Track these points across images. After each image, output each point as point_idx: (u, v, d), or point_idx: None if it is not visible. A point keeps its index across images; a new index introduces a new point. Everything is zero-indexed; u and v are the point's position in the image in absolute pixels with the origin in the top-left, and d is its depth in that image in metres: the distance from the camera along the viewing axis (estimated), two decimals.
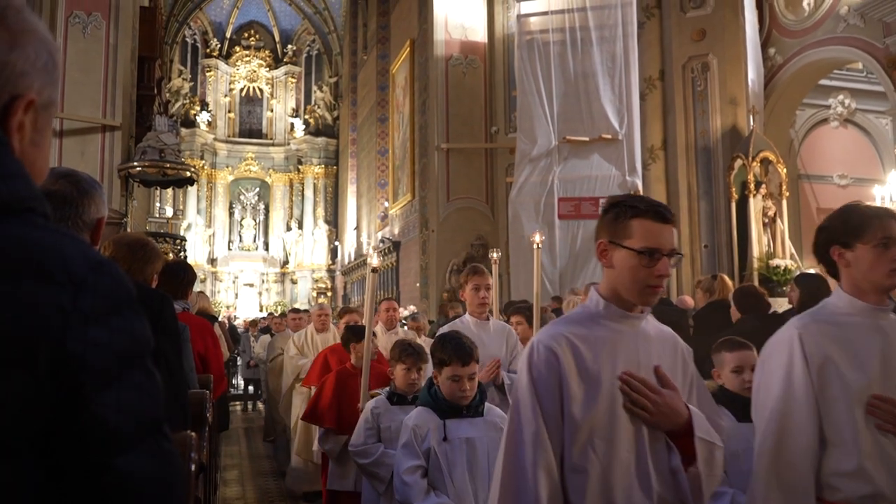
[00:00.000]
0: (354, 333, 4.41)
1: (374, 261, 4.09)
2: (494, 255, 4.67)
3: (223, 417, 7.38)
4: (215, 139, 27.89)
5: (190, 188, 18.87)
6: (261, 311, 24.49)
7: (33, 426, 0.80)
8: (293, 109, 29.31)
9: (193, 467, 2.01)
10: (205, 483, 3.23)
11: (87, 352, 0.82)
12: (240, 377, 13.66)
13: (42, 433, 0.81)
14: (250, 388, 13.31)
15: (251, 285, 27.46)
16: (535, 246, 4.27)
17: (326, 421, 4.11)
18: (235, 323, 17.57)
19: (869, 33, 9.56)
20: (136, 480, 0.84)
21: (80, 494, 0.83)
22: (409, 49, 17.11)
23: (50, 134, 0.99)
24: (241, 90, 29.16)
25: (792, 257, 10.07)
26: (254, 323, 14.32)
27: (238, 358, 12.47)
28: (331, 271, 27.59)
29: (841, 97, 12.48)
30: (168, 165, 11.16)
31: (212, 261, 27.12)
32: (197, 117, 27.22)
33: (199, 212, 26.92)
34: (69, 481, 0.83)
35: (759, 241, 9.97)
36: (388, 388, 3.45)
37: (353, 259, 24.35)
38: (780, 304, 7.13)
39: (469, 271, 4.08)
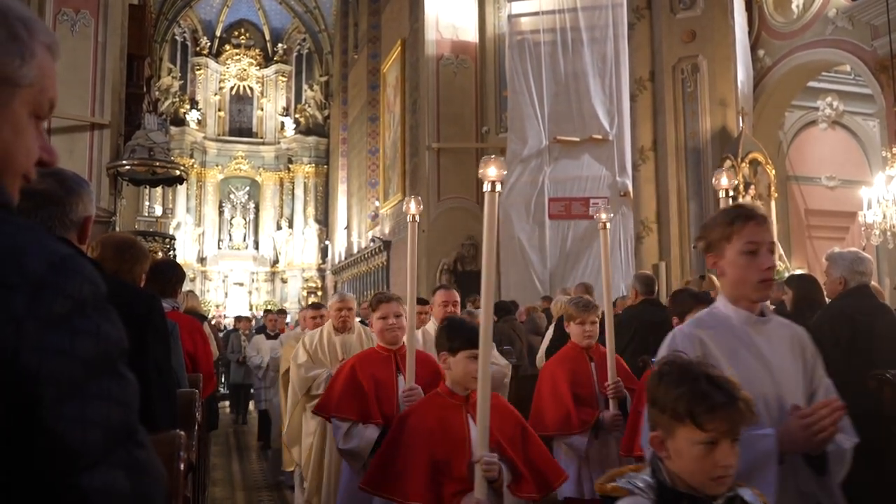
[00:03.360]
0: (461, 332, 2.58)
1: (413, 207, 3.01)
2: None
3: (212, 417, 7.37)
4: (205, 138, 27.77)
5: (179, 187, 18.75)
6: (250, 310, 24.41)
7: None
8: (283, 108, 29.23)
9: (183, 467, 2.00)
10: (194, 483, 3.22)
11: (45, 362, 0.74)
12: (225, 381, 12.09)
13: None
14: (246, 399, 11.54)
15: (241, 284, 27.35)
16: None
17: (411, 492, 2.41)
18: (225, 322, 17.36)
19: (857, 36, 9.63)
20: (104, 497, 0.77)
21: None
22: (399, 49, 17.09)
23: (15, 117, 0.87)
24: (232, 89, 29.04)
25: (780, 258, 10.14)
26: (241, 319, 12.97)
27: (230, 359, 11.24)
28: (321, 270, 27.54)
29: (829, 99, 12.57)
30: (157, 164, 11.12)
31: (201, 260, 27.00)
32: (187, 116, 27.10)
33: (188, 210, 26.79)
34: (33, 502, 0.75)
35: None
36: (645, 477, 1.56)
37: (343, 258, 24.31)
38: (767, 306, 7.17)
39: (736, 217, 1.97)
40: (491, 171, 2.28)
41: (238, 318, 13.30)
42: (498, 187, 2.29)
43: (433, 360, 3.26)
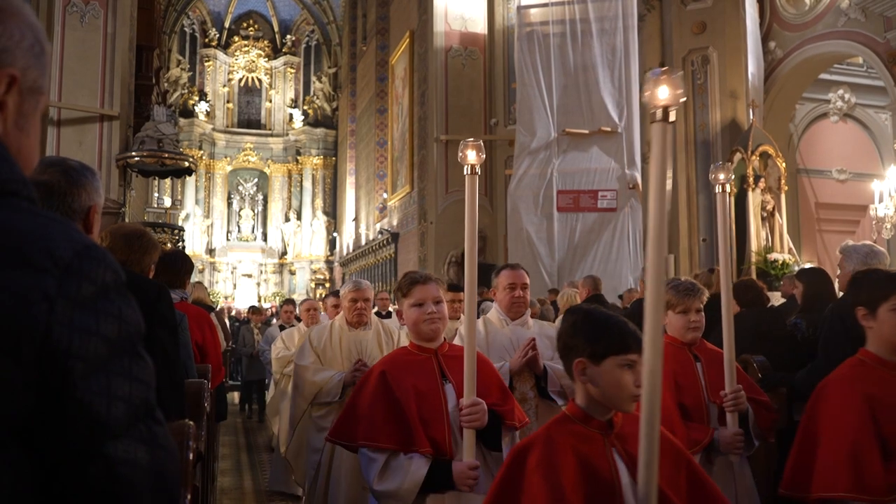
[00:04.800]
0: (611, 330, 1.70)
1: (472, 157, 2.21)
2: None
3: (221, 407, 7.39)
4: (214, 129, 27.84)
5: (188, 178, 18.83)
6: (259, 301, 24.51)
7: (18, 415, 0.79)
8: (292, 100, 29.25)
9: (192, 456, 2.01)
10: (203, 472, 3.23)
11: (74, 338, 0.81)
12: (237, 375, 11.48)
13: (29, 422, 0.80)
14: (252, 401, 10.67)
15: (249, 276, 27.47)
16: (717, 189, 2.75)
17: None
18: (235, 311, 17.40)
19: (870, 28, 9.54)
20: (127, 467, 0.83)
21: (72, 484, 0.82)
22: (408, 40, 17.05)
23: (38, 123, 0.96)
24: (240, 80, 29.08)
25: (790, 251, 10.08)
26: (255, 311, 12.21)
27: (241, 353, 10.71)
28: (329, 262, 27.61)
29: (841, 92, 12.46)
30: (166, 155, 11.13)
31: (210, 251, 27.12)
32: (195, 107, 27.16)
33: (197, 202, 26.89)
34: (60, 471, 0.82)
35: (757, 235, 9.98)
36: None
37: (351, 250, 24.35)
38: (777, 299, 7.14)
39: None
40: (662, 92, 1.50)
41: (252, 310, 12.52)
42: (672, 116, 1.47)
43: (489, 364, 2.61)
